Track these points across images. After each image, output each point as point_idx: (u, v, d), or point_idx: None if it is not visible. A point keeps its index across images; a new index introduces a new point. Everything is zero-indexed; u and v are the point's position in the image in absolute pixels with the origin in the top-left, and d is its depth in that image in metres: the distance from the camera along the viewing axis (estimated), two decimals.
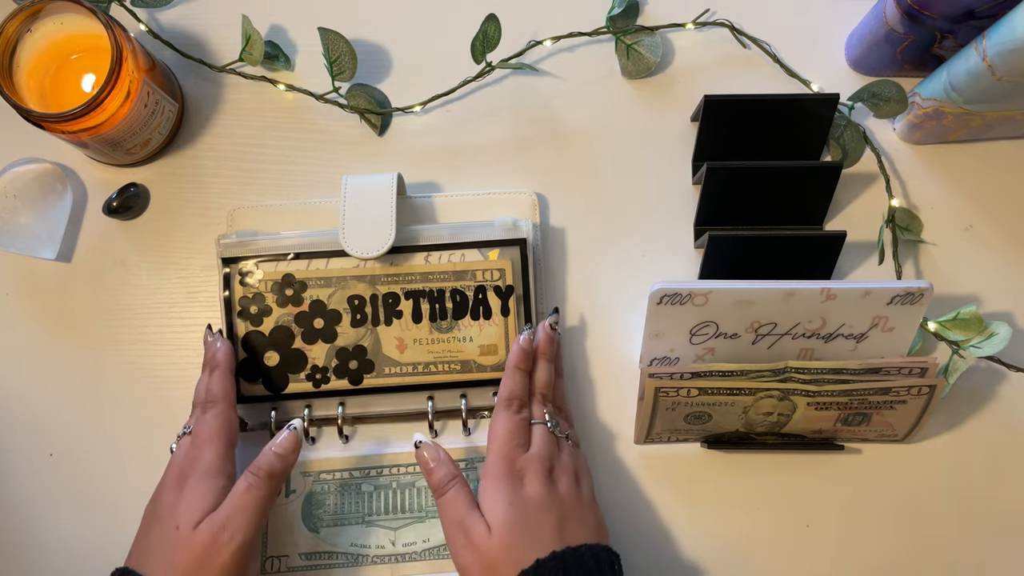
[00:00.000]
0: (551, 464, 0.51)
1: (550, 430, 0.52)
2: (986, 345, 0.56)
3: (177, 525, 0.47)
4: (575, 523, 0.49)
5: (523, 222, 0.58)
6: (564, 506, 0.49)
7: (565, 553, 0.46)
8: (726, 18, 0.63)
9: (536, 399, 0.54)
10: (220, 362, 0.54)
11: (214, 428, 0.51)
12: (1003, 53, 0.49)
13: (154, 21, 0.64)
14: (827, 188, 0.58)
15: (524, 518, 0.48)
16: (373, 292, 0.57)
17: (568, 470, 0.51)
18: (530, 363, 0.54)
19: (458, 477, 0.50)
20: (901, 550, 0.58)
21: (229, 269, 0.57)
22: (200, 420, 0.52)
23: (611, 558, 0.48)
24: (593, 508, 0.51)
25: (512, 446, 0.51)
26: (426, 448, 0.52)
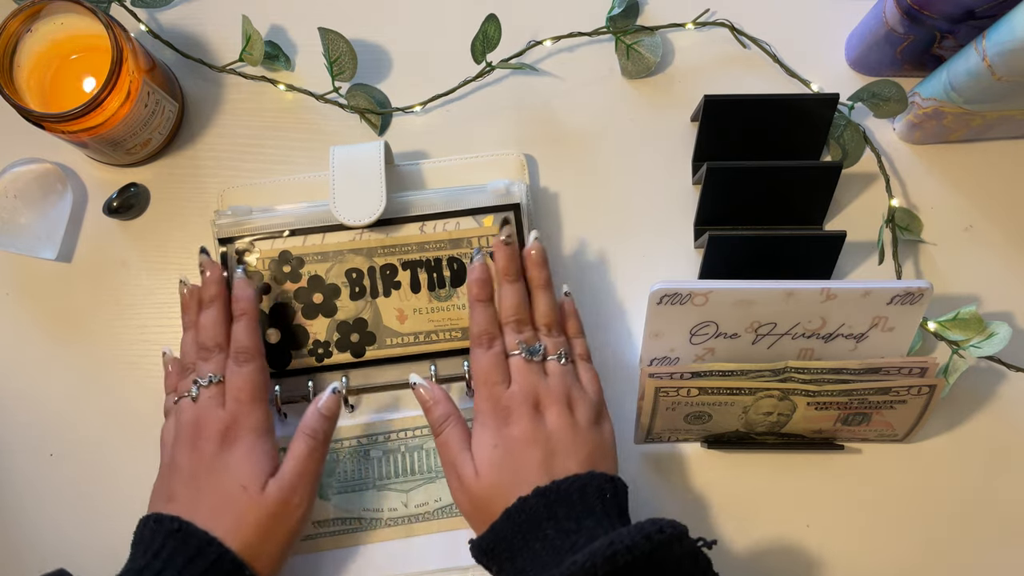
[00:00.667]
0: (535, 396, 0.49)
1: (527, 359, 0.50)
2: (986, 345, 0.56)
3: (243, 485, 0.47)
4: (563, 456, 0.48)
5: (516, 186, 0.58)
6: (552, 439, 0.48)
7: (548, 489, 0.45)
8: (726, 18, 0.63)
9: (507, 328, 0.52)
10: (247, 309, 0.53)
11: (258, 384, 0.50)
12: (1003, 53, 0.49)
13: (154, 21, 0.64)
14: (827, 188, 0.58)
15: (509, 458, 0.47)
16: (370, 264, 0.57)
17: (557, 398, 0.49)
18: (490, 291, 0.53)
19: (452, 416, 0.51)
20: (901, 550, 0.58)
21: (226, 249, 0.57)
22: (236, 373, 0.50)
23: (601, 486, 0.46)
24: (588, 435, 0.49)
25: (492, 384, 0.50)
26: (422, 388, 0.52)
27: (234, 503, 0.47)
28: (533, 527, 0.45)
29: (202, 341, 0.52)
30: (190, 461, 0.48)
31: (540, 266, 0.54)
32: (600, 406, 0.51)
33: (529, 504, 0.45)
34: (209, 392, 0.50)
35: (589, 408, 0.50)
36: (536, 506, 0.45)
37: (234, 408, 0.49)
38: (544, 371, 0.51)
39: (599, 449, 0.49)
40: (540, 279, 0.54)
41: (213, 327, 0.52)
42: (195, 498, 0.47)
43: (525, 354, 0.51)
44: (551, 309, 0.53)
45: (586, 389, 0.51)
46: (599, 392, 0.52)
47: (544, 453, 0.48)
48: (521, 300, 0.53)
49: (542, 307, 0.53)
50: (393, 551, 0.55)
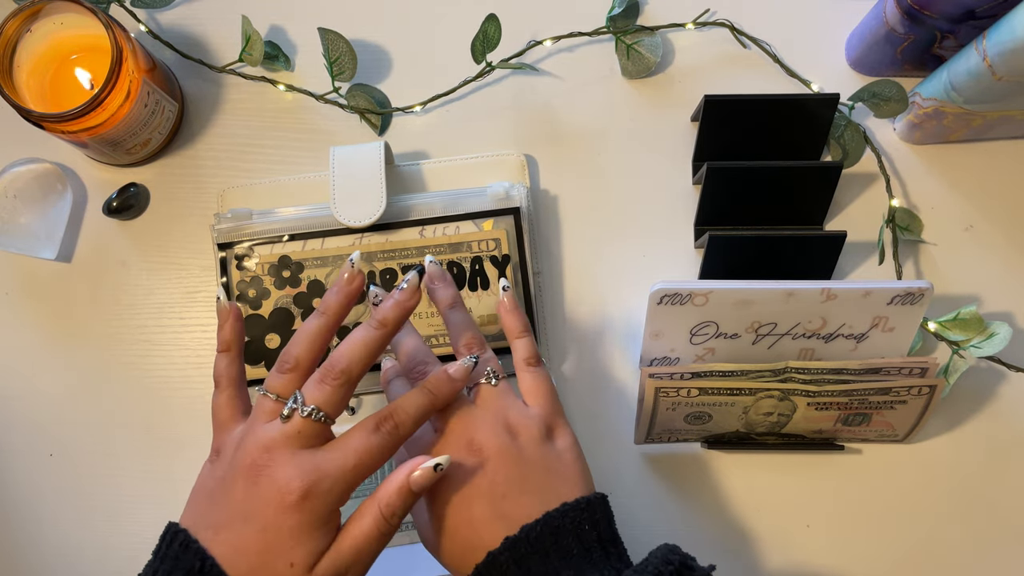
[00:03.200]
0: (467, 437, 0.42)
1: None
2: (986, 345, 0.56)
3: (292, 562, 0.39)
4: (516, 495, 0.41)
5: (515, 189, 0.58)
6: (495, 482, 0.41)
7: (518, 540, 0.39)
8: (726, 18, 0.63)
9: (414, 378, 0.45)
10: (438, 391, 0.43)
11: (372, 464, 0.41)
12: (1003, 53, 0.49)
13: (153, 21, 0.64)
14: (827, 188, 0.58)
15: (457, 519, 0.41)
16: (370, 269, 0.57)
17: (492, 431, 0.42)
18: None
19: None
20: (901, 550, 0.58)
21: (225, 254, 0.57)
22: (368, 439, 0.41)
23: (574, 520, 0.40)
24: (540, 457, 0.42)
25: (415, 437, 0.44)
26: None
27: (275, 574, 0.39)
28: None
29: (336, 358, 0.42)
30: (247, 498, 0.40)
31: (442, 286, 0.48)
32: (549, 418, 0.44)
33: (499, 561, 0.39)
34: (304, 427, 0.41)
35: (533, 426, 0.43)
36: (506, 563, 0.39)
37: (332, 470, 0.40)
38: (472, 402, 0.44)
39: (557, 472, 0.42)
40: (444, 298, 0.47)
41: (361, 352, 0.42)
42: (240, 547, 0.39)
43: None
44: (466, 326, 0.46)
45: (530, 403, 0.45)
46: (548, 401, 0.45)
47: (491, 502, 0.41)
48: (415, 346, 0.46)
49: (456, 327, 0.46)
50: (397, 556, 0.55)
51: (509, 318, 0.47)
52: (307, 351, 0.43)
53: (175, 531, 0.39)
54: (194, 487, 0.42)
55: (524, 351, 0.46)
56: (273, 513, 0.39)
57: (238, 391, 0.45)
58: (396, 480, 0.41)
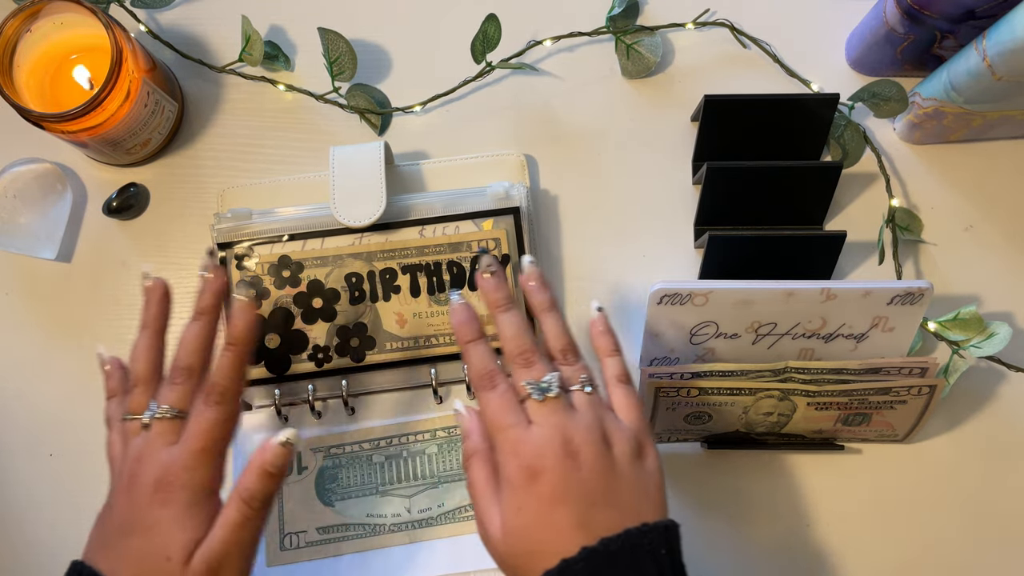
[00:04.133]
0: (563, 438, 0.42)
1: (542, 398, 0.43)
2: (986, 345, 0.56)
3: (168, 556, 0.41)
4: (603, 506, 0.41)
5: (515, 188, 0.58)
6: (587, 489, 0.41)
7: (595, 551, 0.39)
8: (726, 18, 0.63)
9: (513, 365, 0.45)
10: (240, 340, 0.46)
11: (219, 437, 0.44)
12: (1003, 53, 0.49)
13: (153, 21, 0.64)
14: (827, 188, 0.58)
15: (537, 522, 0.41)
16: (370, 269, 0.57)
17: (589, 436, 0.42)
18: (478, 328, 0.46)
19: (478, 453, 0.44)
20: (901, 550, 0.58)
21: (225, 254, 0.57)
22: (201, 415, 0.44)
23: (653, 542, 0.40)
24: (631, 475, 0.42)
25: (506, 428, 0.43)
26: (459, 417, 0.47)
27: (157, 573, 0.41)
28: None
29: (177, 359, 0.46)
30: (125, 508, 0.43)
31: (540, 290, 0.48)
32: (641, 436, 0.44)
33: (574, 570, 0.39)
34: (163, 427, 0.44)
35: (627, 441, 0.43)
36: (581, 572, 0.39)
37: (182, 457, 0.43)
38: (571, 405, 0.44)
39: (643, 491, 0.42)
40: (543, 303, 0.47)
41: (195, 345, 0.46)
42: (121, 558, 0.42)
43: (536, 394, 0.43)
44: (562, 331, 0.47)
45: (622, 418, 0.44)
46: (639, 418, 0.44)
47: (579, 509, 0.40)
48: (520, 328, 0.46)
49: (551, 331, 0.46)
50: (397, 557, 0.55)
51: (603, 339, 0.48)
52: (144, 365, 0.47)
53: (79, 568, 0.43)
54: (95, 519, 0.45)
55: (616, 368, 0.47)
56: (144, 514, 0.42)
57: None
58: (252, 464, 0.43)
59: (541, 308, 0.47)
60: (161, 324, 0.49)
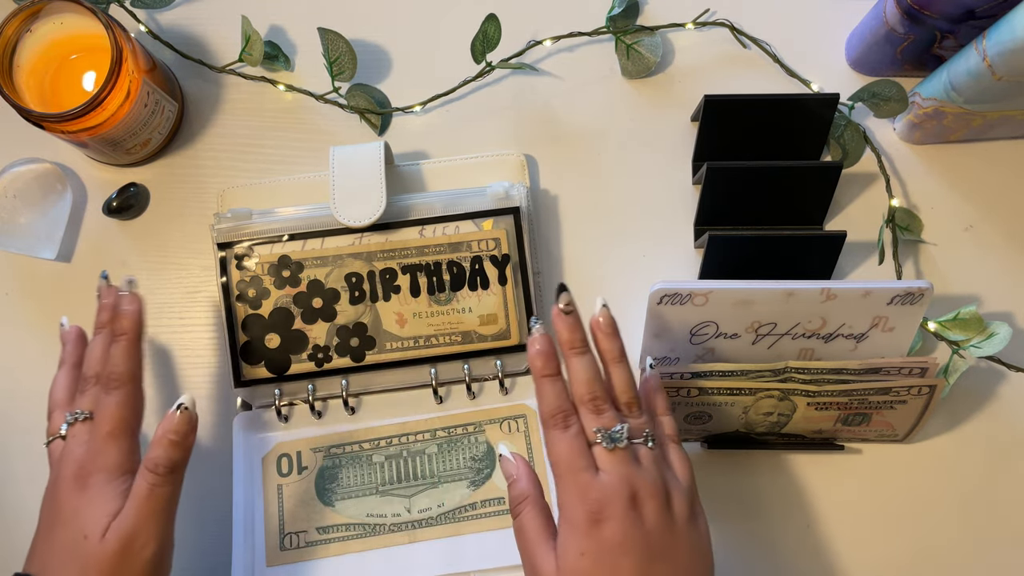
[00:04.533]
0: (630, 489, 0.42)
1: (611, 447, 0.43)
2: (986, 345, 0.56)
3: (85, 534, 0.44)
4: (662, 560, 0.42)
5: (515, 188, 0.58)
6: (649, 542, 0.42)
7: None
8: (726, 18, 0.63)
9: (583, 409, 0.44)
10: (128, 328, 0.48)
11: (122, 416, 0.46)
12: (1003, 53, 0.49)
13: (153, 21, 0.64)
14: (827, 188, 0.58)
15: (598, 565, 0.41)
16: (370, 269, 0.57)
17: (653, 490, 0.43)
18: (556, 364, 0.46)
19: (530, 498, 0.45)
20: (901, 550, 0.58)
21: (225, 253, 0.57)
22: (103, 404, 0.46)
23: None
24: (688, 534, 0.43)
25: (576, 471, 0.43)
26: (506, 463, 0.47)
27: (77, 554, 0.43)
28: None
29: (85, 370, 0.49)
30: (48, 510, 0.46)
31: (611, 336, 0.47)
32: (694, 496, 0.45)
33: None
34: (75, 429, 0.47)
35: (685, 501, 0.44)
36: None
37: (92, 445, 0.46)
38: (636, 457, 0.44)
39: (698, 550, 0.43)
40: (614, 351, 0.46)
41: (98, 354, 0.49)
42: (47, 552, 0.45)
43: (606, 442, 0.43)
44: (630, 384, 0.46)
45: (679, 477, 0.45)
46: (692, 479, 0.45)
47: (641, 560, 0.41)
48: (595, 374, 0.45)
49: (620, 383, 0.46)
50: (396, 556, 0.55)
51: (657, 397, 0.48)
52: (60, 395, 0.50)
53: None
54: None
55: (670, 429, 0.47)
56: (65, 506, 0.45)
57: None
58: (156, 434, 0.45)
59: (611, 357, 0.47)
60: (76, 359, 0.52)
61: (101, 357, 0.48)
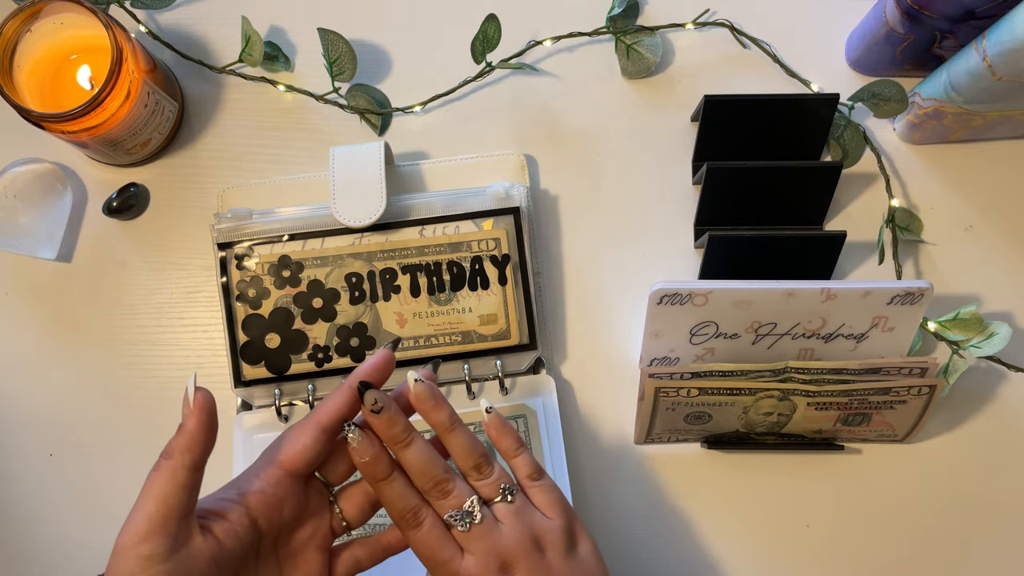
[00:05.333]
0: (497, 560, 0.42)
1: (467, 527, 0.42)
2: (986, 345, 0.56)
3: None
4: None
5: (515, 188, 0.58)
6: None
7: None
8: (726, 18, 0.63)
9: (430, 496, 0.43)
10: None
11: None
12: (1003, 53, 0.49)
13: (153, 22, 0.64)
14: (827, 188, 0.58)
15: None
16: (370, 269, 0.57)
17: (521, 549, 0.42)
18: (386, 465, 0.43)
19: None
20: (901, 550, 0.58)
21: (225, 253, 0.57)
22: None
23: None
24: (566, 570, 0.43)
25: (443, 564, 0.42)
26: None
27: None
28: None
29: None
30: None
31: (437, 408, 0.44)
32: (570, 527, 0.44)
33: None
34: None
35: (559, 538, 0.43)
36: None
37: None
38: (495, 520, 0.43)
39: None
40: (443, 422, 0.44)
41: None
42: None
43: (460, 525, 0.42)
44: (469, 449, 0.44)
45: (548, 515, 0.44)
46: (564, 510, 0.44)
47: None
48: (427, 460, 0.43)
49: (458, 451, 0.44)
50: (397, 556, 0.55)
51: (503, 439, 0.46)
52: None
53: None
54: None
55: (526, 468, 0.45)
56: None
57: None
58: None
59: (442, 429, 0.44)
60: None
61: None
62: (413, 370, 0.45)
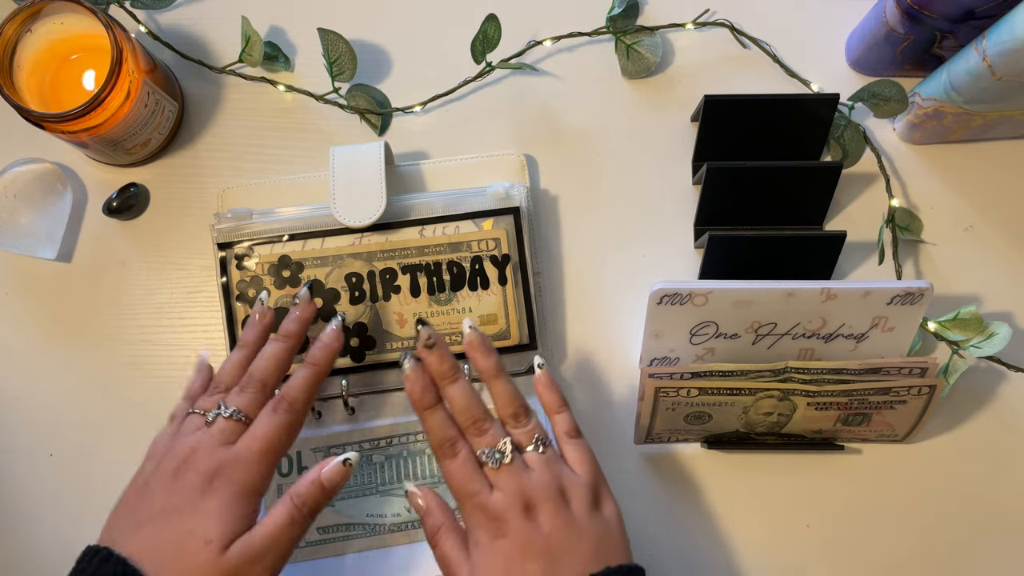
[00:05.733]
0: (523, 499, 0.44)
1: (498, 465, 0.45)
2: (986, 345, 0.56)
3: (208, 539, 0.42)
4: (569, 559, 0.43)
5: (515, 188, 0.58)
6: (550, 545, 0.43)
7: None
8: (726, 18, 0.63)
9: (468, 432, 0.47)
10: (321, 361, 0.49)
11: (280, 441, 0.46)
12: (1003, 53, 0.49)
13: (153, 22, 0.64)
14: (827, 188, 0.58)
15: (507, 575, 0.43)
16: (370, 269, 0.57)
17: (546, 493, 0.44)
18: (433, 395, 0.47)
19: (443, 527, 0.46)
20: (901, 550, 0.58)
21: (225, 254, 0.57)
22: (267, 419, 0.46)
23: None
24: (591, 527, 0.44)
25: (472, 495, 0.45)
26: (413, 498, 0.48)
27: (193, 556, 0.42)
28: None
29: (252, 370, 0.48)
30: (167, 492, 0.44)
31: (486, 354, 0.48)
32: (597, 486, 0.46)
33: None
34: (226, 425, 0.46)
35: (585, 493, 0.45)
36: None
37: (239, 453, 0.45)
38: (526, 466, 0.46)
39: (606, 539, 0.44)
40: (490, 368, 0.48)
41: (273, 363, 0.49)
42: (157, 538, 0.43)
43: (492, 462, 0.45)
44: (511, 397, 0.48)
45: (577, 471, 0.46)
46: (593, 470, 0.47)
47: (546, 561, 0.43)
48: (471, 398, 0.47)
49: (501, 397, 0.48)
50: (396, 556, 0.55)
51: (548, 394, 0.49)
52: (230, 376, 0.49)
53: (94, 551, 0.43)
54: (116, 504, 0.46)
55: (566, 424, 0.48)
56: (189, 500, 0.43)
57: None
58: (309, 475, 0.46)
59: (489, 375, 0.48)
60: (257, 348, 0.51)
61: (275, 368, 0.49)
62: (467, 318, 0.52)
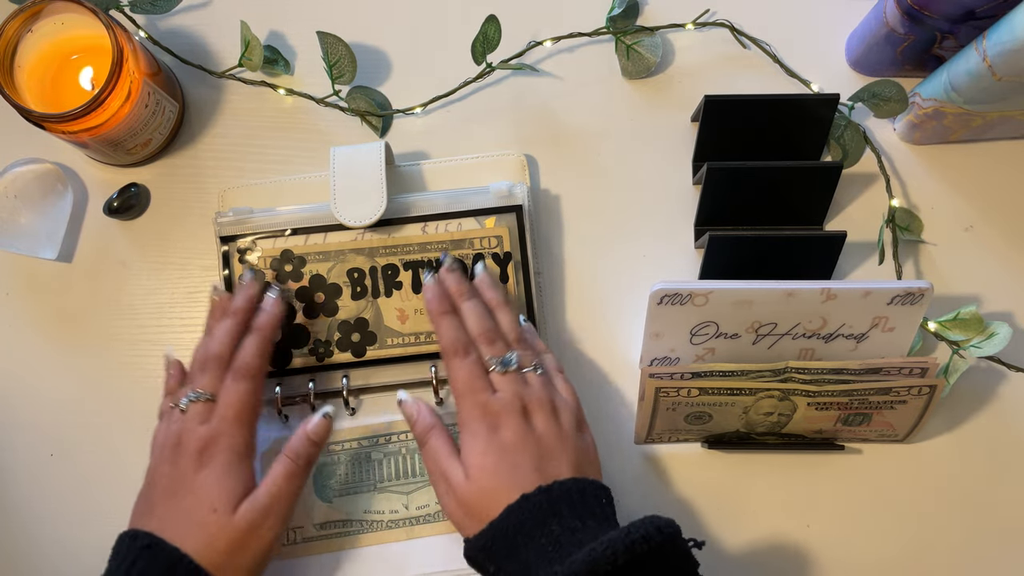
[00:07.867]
0: (521, 402, 0.50)
1: (502, 372, 0.51)
2: (986, 345, 0.56)
3: (215, 508, 0.47)
4: (555, 459, 0.48)
5: (518, 187, 0.58)
6: (542, 443, 0.48)
7: (551, 487, 0.46)
8: (726, 18, 0.63)
9: (479, 343, 0.52)
10: (266, 326, 0.53)
11: (248, 405, 0.50)
12: (1003, 53, 0.50)
13: (154, 27, 0.64)
14: (827, 188, 0.58)
15: (502, 462, 0.48)
16: (372, 264, 0.57)
17: (542, 404, 0.50)
18: (448, 304, 0.53)
19: (435, 427, 0.51)
20: (901, 550, 0.58)
21: (228, 247, 0.57)
22: (230, 390, 0.50)
23: (597, 491, 0.47)
24: (575, 441, 0.50)
25: (476, 392, 0.50)
26: (406, 405, 0.53)
27: (204, 524, 0.47)
28: (538, 523, 0.45)
29: (209, 349, 0.52)
30: (168, 477, 0.48)
31: (493, 288, 0.55)
32: (581, 415, 0.52)
33: (533, 501, 0.46)
34: (196, 408, 0.50)
35: (572, 415, 0.51)
36: (540, 503, 0.46)
37: (217, 426, 0.49)
38: (525, 381, 0.51)
39: (586, 456, 0.50)
40: (496, 299, 0.54)
41: (223, 339, 0.52)
42: (170, 515, 0.47)
43: (499, 367, 0.51)
44: (514, 324, 0.54)
45: (566, 398, 0.52)
46: (578, 403, 0.52)
47: (536, 456, 0.48)
48: (483, 313, 0.53)
49: (506, 324, 0.53)
50: (394, 553, 0.55)
51: (537, 341, 0.55)
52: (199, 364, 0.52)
53: (122, 536, 0.47)
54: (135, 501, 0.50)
55: (552, 363, 0.54)
56: (188, 478, 0.48)
57: None
58: (297, 432, 0.51)
59: (495, 304, 0.54)
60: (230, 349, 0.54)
61: (228, 342, 0.52)
62: (480, 263, 0.56)
